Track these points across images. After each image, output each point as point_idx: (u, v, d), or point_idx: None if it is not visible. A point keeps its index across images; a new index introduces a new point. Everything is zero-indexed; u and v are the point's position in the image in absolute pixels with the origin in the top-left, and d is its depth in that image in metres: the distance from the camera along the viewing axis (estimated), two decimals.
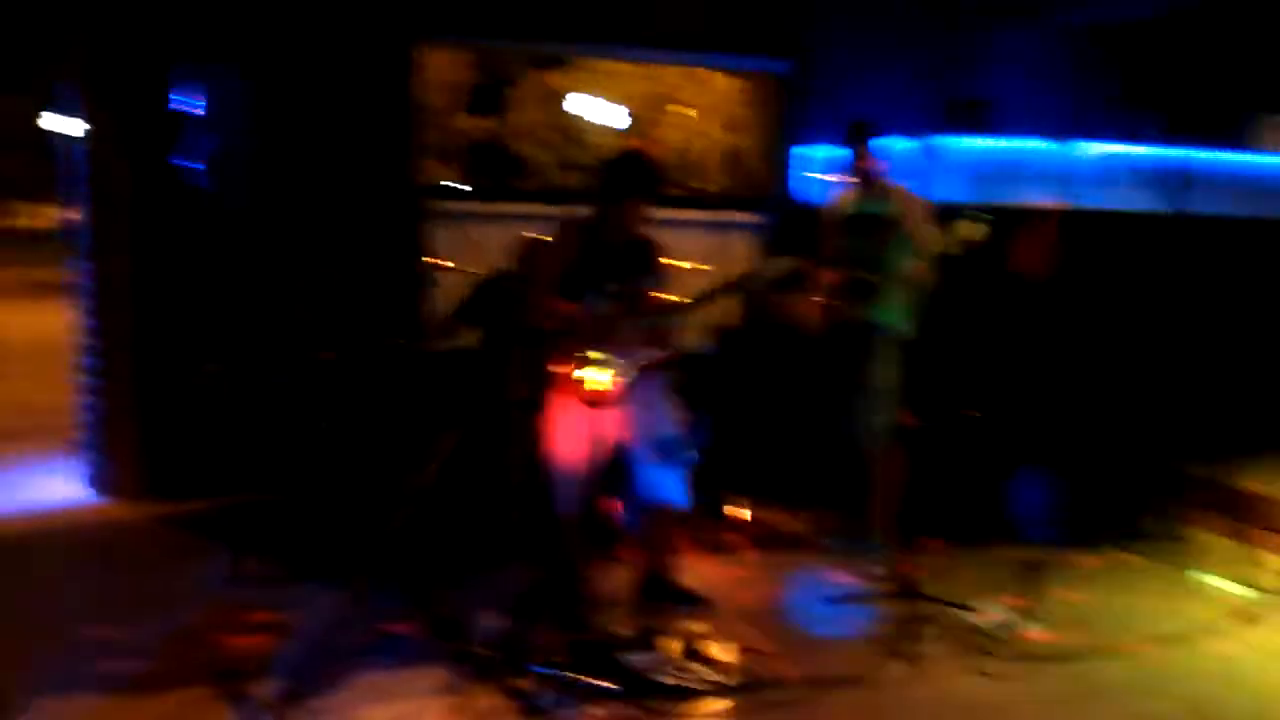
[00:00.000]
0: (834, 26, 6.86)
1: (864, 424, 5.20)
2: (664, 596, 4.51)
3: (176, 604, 4.44)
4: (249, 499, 5.39)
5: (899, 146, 5.80)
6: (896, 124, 5.75)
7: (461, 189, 6.93)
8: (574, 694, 3.71)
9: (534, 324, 4.29)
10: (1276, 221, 6.96)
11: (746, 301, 6.49)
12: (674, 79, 8.36)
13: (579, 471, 4.19)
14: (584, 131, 8.66)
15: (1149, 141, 6.89)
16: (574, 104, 8.59)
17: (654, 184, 4.33)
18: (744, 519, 5.62)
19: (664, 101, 8.57)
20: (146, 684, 3.77)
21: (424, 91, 6.43)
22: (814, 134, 6.82)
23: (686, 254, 4.53)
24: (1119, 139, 6.84)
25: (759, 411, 5.96)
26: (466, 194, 6.82)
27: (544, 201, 6.37)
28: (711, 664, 3.99)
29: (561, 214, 4.45)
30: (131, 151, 5.79)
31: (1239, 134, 8.12)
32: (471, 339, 5.37)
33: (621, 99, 8.69)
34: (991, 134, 6.51)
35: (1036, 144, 6.57)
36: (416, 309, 5.68)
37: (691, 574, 4.70)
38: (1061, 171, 6.49)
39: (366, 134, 6.11)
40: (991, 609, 4.52)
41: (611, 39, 6.72)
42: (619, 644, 4.05)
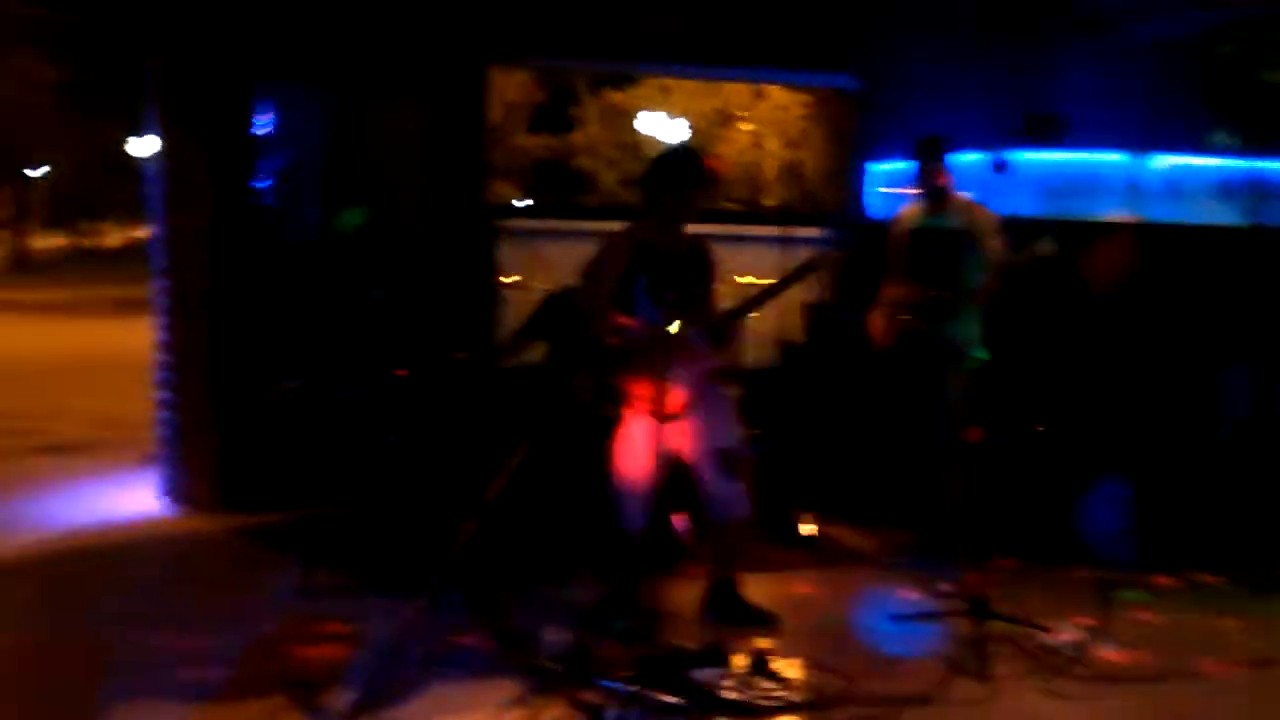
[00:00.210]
0: (902, 41, 6.82)
1: (934, 440, 5.15)
2: (731, 612, 4.50)
3: (250, 615, 4.51)
4: (321, 512, 5.47)
5: (967, 160, 5.76)
6: (965, 138, 5.71)
7: (527, 206, 7.01)
8: (641, 708, 3.70)
9: (598, 339, 4.31)
10: None
11: (811, 317, 6.47)
12: (738, 95, 8.38)
13: (645, 486, 4.19)
14: (647, 148, 8.71)
15: (1224, 153, 6.77)
16: (638, 121, 8.65)
17: (701, 175, 4.29)
18: (813, 535, 5.60)
19: (727, 118, 8.60)
20: (225, 694, 3.84)
21: (493, 111, 6.51)
22: (883, 149, 6.79)
23: (749, 269, 4.52)
24: (1194, 151, 6.72)
25: (826, 427, 5.93)
26: (532, 211, 6.89)
27: (608, 218, 6.41)
28: (779, 680, 3.96)
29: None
30: (210, 170, 5.93)
31: None
32: (538, 354, 5.42)
33: (684, 115, 8.73)
34: (1064, 147, 6.43)
35: (1109, 157, 6.48)
36: (487, 326, 5.74)
37: (759, 590, 4.68)
38: (1135, 185, 6.39)
39: (440, 153, 6.19)
40: (1064, 628, 4.45)
41: (678, 57, 6.76)
42: (686, 659, 4.03)
